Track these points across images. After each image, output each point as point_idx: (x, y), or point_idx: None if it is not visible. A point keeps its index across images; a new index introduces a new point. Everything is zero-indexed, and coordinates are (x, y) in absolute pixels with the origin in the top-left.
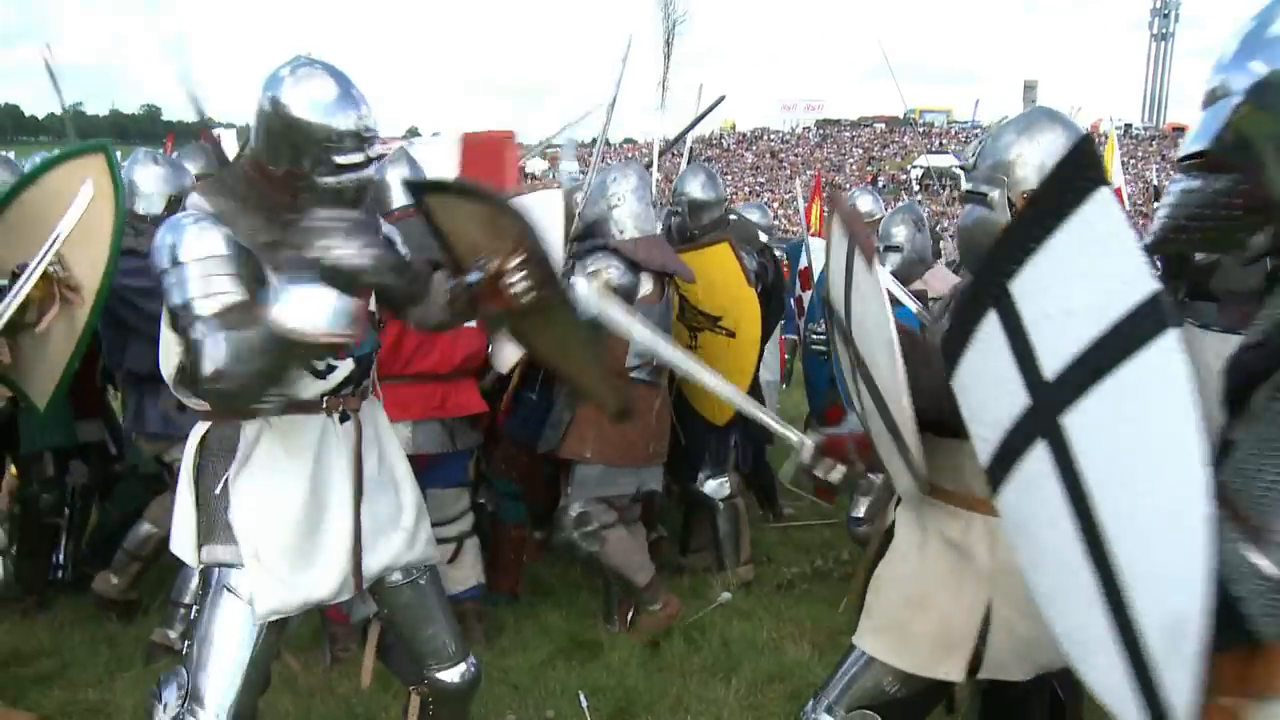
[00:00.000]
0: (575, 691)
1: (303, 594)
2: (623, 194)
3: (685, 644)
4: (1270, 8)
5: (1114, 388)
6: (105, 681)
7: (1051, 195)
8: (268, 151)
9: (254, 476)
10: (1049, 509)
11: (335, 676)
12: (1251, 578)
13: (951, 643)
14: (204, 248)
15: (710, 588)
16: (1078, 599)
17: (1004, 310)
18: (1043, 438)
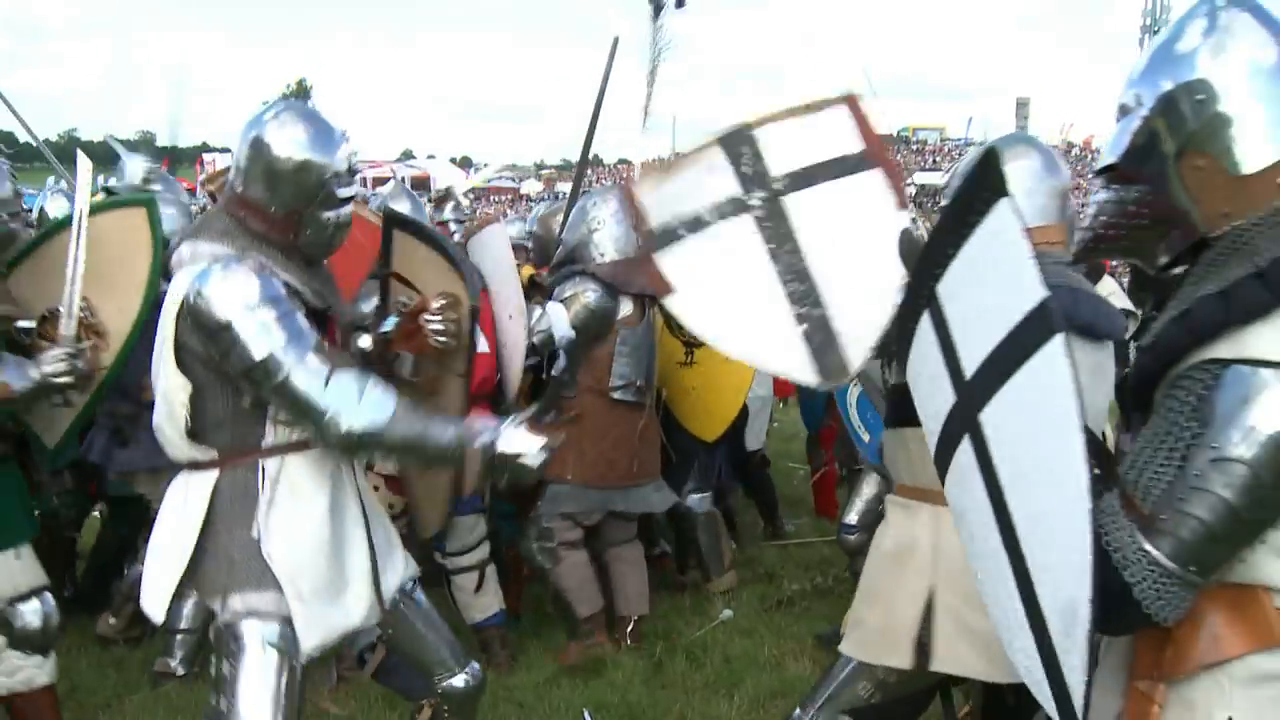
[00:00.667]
0: (580, 709)
1: (341, 623)
2: (603, 218)
3: (688, 661)
4: (1179, 26)
5: (1015, 388)
6: (114, 705)
7: (963, 204)
8: (267, 194)
9: (283, 515)
10: (975, 500)
11: (341, 696)
12: (1142, 564)
13: (897, 631)
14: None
15: (712, 605)
16: (1002, 586)
17: (934, 311)
18: (967, 433)
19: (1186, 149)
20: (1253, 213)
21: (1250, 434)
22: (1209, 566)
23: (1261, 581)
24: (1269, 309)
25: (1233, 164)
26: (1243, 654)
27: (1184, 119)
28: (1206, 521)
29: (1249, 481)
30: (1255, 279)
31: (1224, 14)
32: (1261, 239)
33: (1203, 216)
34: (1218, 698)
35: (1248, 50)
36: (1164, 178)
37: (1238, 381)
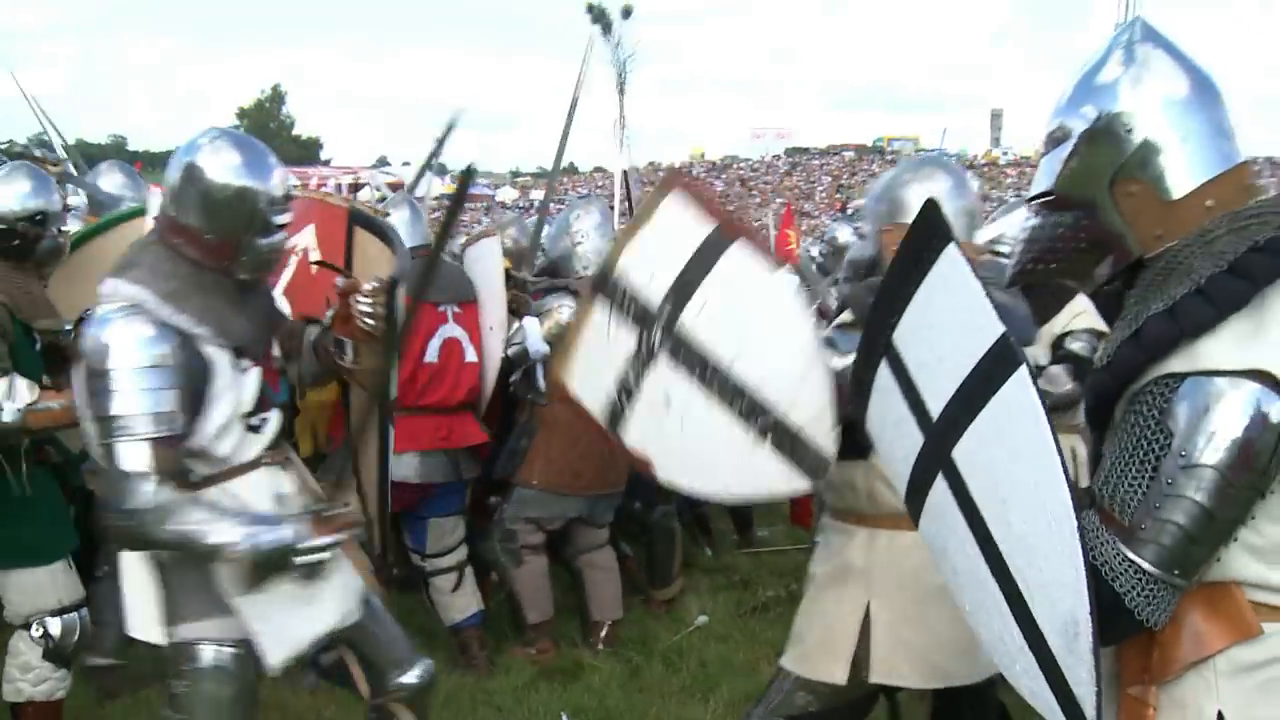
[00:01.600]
0: (558, 713)
1: (311, 631)
2: (586, 230)
3: (664, 666)
4: (1102, 57)
5: (986, 421)
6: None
7: (910, 254)
8: (202, 220)
9: None
10: (957, 534)
11: (321, 700)
12: (1129, 573)
13: (836, 646)
14: (145, 355)
15: (688, 611)
16: (994, 613)
17: (892, 359)
18: (940, 471)
19: (1119, 176)
20: (1183, 234)
21: (1214, 439)
22: (1191, 568)
23: (1233, 578)
24: (1215, 323)
25: (1163, 190)
26: (1224, 648)
27: (1116, 148)
28: (1184, 526)
29: (1219, 484)
30: (1197, 295)
31: (1139, 48)
32: (1195, 258)
33: (1138, 239)
34: (1206, 693)
35: (1164, 83)
36: (1099, 203)
37: (1195, 392)
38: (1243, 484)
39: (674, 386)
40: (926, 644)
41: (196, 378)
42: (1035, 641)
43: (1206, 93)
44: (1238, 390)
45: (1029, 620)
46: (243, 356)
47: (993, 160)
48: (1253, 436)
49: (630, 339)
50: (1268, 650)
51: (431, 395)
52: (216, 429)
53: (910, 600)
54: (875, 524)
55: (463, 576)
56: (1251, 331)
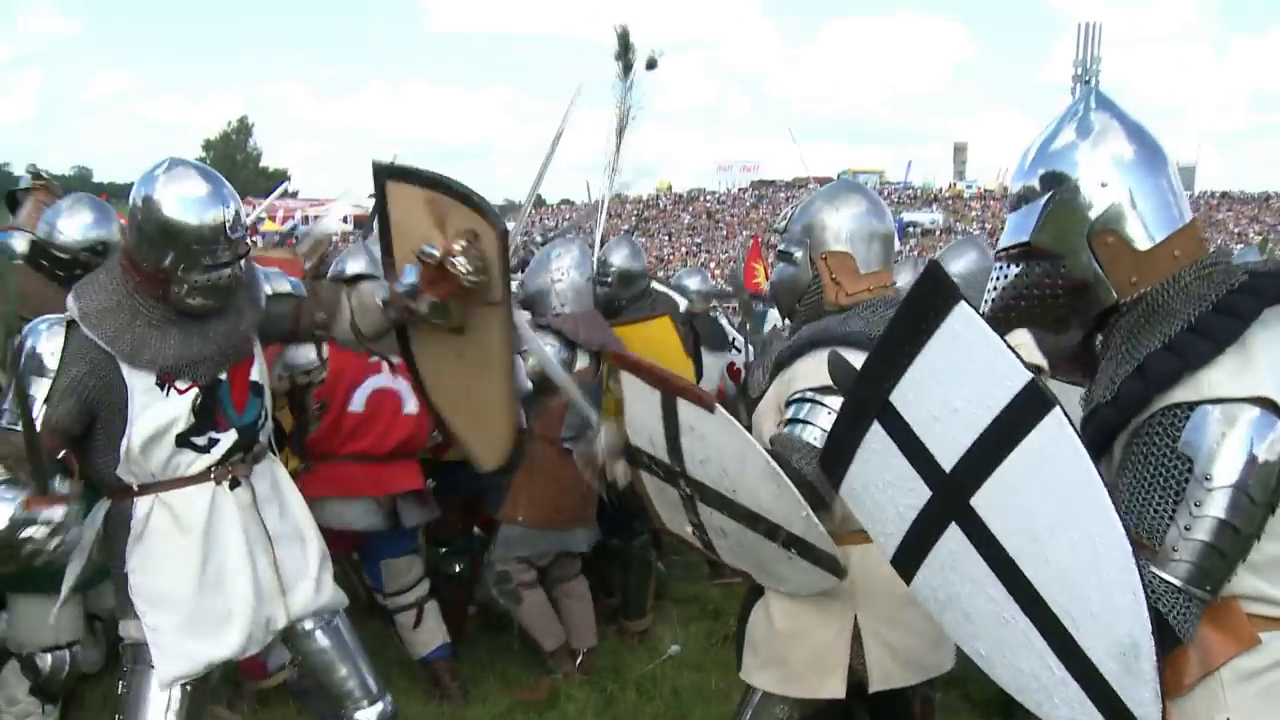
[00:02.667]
0: None
1: (205, 657)
2: (565, 269)
3: (638, 694)
4: (1055, 126)
5: (1015, 465)
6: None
7: (915, 316)
8: (138, 249)
9: (148, 553)
10: (974, 581)
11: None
12: (1167, 593)
13: (828, 664)
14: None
15: (661, 641)
16: (1023, 652)
17: (888, 419)
18: (955, 521)
19: (1096, 229)
20: (1155, 280)
21: (1233, 460)
22: (1219, 583)
23: (1233, 592)
24: (1214, 355)
25: (1137, 241)
26: (1228, 659)
27: (1091, 203)
28: (1213, 543)
29: (1241, 501)
30: (1192, 333)
31: (1094, 115)
32: (1174, 302)
33: (1114, 285)
34: (1214, 702)
35: (1130, 147)
36: (1077, 253)
37: (1207, 420)
38: (1261, 500)
39: (717, 520)
40: (909, 644)
41: (111, 393)
42: (1083, 672)
43: (1160, 155)
44: (1246, 415)
45: (1074, 652)
46: (173, 381)
47: (957, 194)
48: (1265, 456)
49: (673, 490)
50: (1266, 658)
51: (356, 444)
52: (140, 443)
53: (890, 604)
54: (847, 541)
55: (423, 612)
56: (1243, 364)
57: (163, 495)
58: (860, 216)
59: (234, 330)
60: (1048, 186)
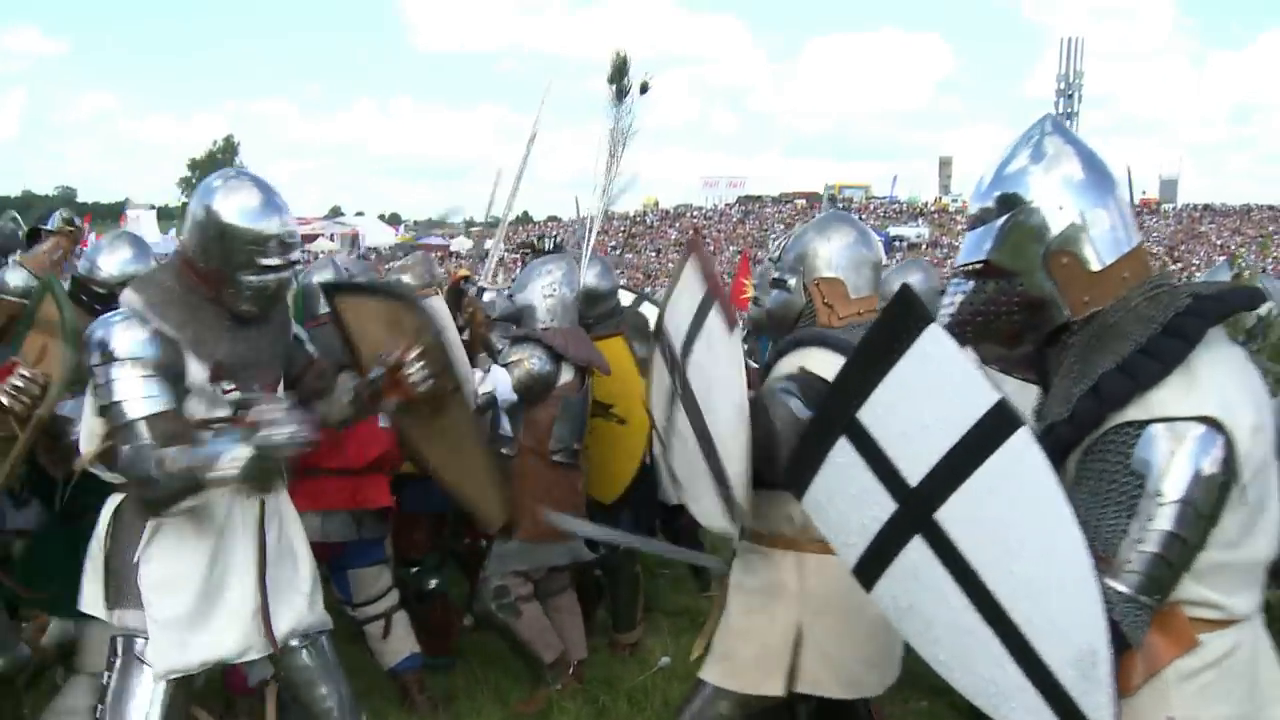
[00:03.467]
0: None
1: (202, 654)
2: (555, 284)
3: (629, 706)
4: (1012, 150)
5: (981, 481)
6: None
7: (886, 337)
8: (199, 251)
9: (163, 547)
10: (936, 591)
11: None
12: (1120, 602)
13: (770, 663)
14: (133, 348)
15: (651, 653)
16: (983, 660)
17: (855, 435)
18: (919, 533)
19: (1052, 249)
20: (1106, 300)
21: (1181, 476)
22: (1167, 591)
23: (1179, 599)
24: (1162, 376)
25: (1090, 262)
26: (1172, 660)
27: (1050, 225)
28: (1162, 555)
29: (1189, 515)
30: (1142, 354)
31: (1049, 140)
32: (1125, 322)
33: (1068, 303)
34: (1159, 701)
35: (1074, 170)
36: (1033, 272)
37: (1157, 437)
38: (1206, 513)
39: (683, 424)
40: (849, 659)
41: (180, 380)
42: (1041, 679)
43: (1110, 180)
44: (1192, 432)
45: (1033, 659)
46: (221, 379)
47: (943, 207)
48: (1208, 470)
49: (669, 381)
50: (1205, 658)
51: (334, 460)
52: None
53: (838, 618)
54: (804, 549)
55: (391, 622)
56: (1189, 384)
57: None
58: (850, 245)
59: (272, 345)
60: (1005, 208)
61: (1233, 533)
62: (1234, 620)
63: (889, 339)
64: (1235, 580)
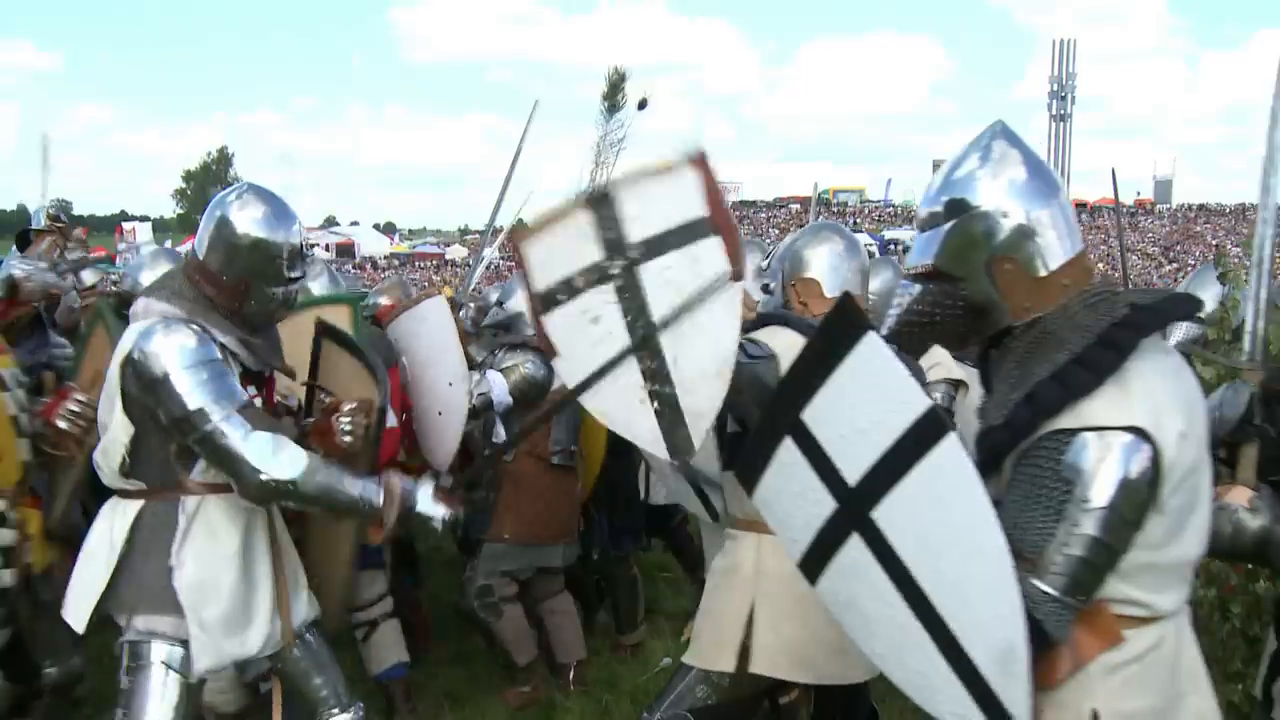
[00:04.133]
0: None
1: (235, 651)
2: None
3: (632, 705)
4: (962, 156)
5: (913, 483)
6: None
7: (827, 342)
8: (224, 264)
9: (196, 549)
10: (872, 587)
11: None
12: (1044, 602)
13: (724, 640)
14: (186, 354)
15: (654, 653)
16: (914, 653)
17: (799, 435)
18: (856, 531)
19: (996, 255)
20: (1046, 306)
21: (1107, 483)
22: (1090, 592)
23: (1103, 596)
24: (1094, 387)
25: (1032, 269)
26: (1097, 655)
27: (994, 232)
28: (1087, 558)
29: (1114, 520)
30: (1077, 365)
31: (996, 147)
32: (1063, 330)
33: (1010, 309)
34: (1083, 693)
35: (1019, 178)
36: (977, 277)
37: (1086, 445)
38: (1130, 518)
39: (606, 312)
40: (804, 641)
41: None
42: (965, 672)
43: (1054, 187)
44: (1119, 441)
45: (959, 654)
46: (250, 381)
47: None
48: (1135, 479)
49: (593, 253)
50: (1128, 652)
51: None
52: None
53: (792, 600)
54: (764, 530)
55: (378, 628)
56: (1121, 394)
57: (209, 498)
58: (831, 251)
59: (273, 351)
60: (952, 213)
61: (1158, 535)
62: (1159, 617)
63: (831, 344)
64: (1161, 579)
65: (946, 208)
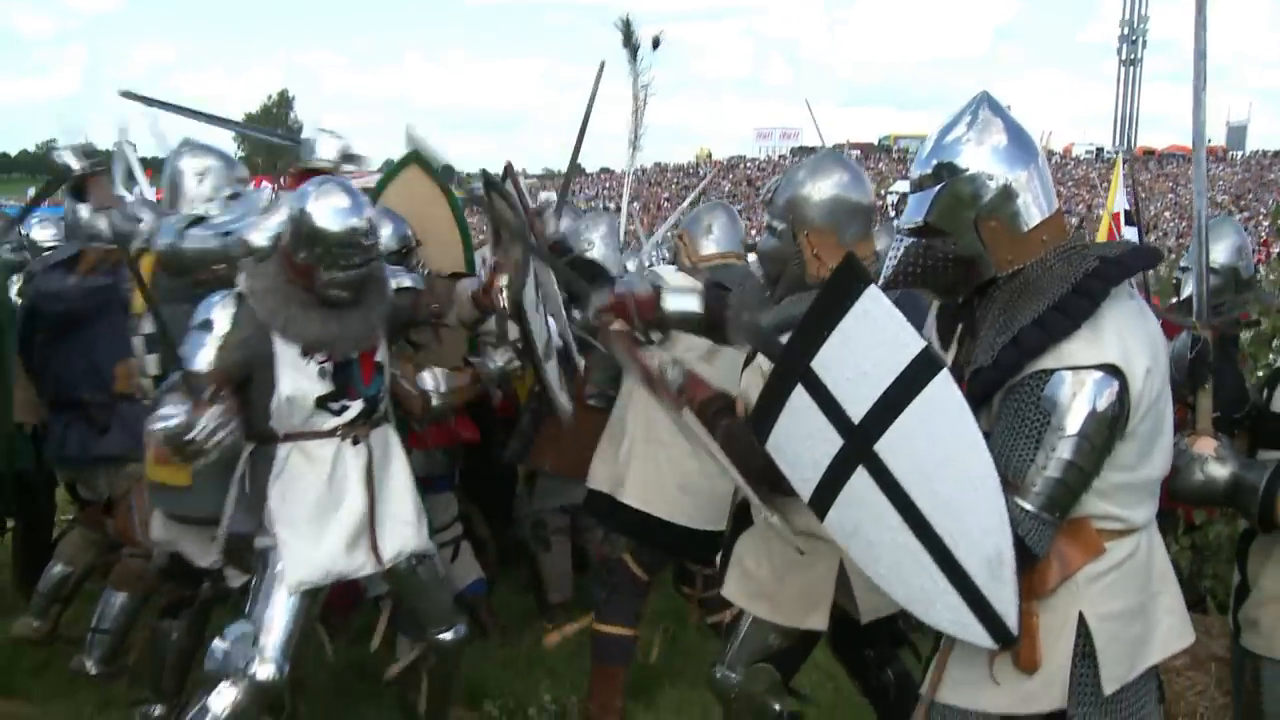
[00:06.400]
0: None
1: (324, 568)
2: (594, 240)
3: (699, 635)
4: (951, 123)
5: (911, 416)
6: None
7: (833, 297)
8: (294, 248)
9: (286, 485)
10: (876, 513)
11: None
12: (1025, 519)
13: (814, 600)
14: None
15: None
16: (914, 570)
17: (809, 382)
18: (862, 464)
19: (982, 214)
20: (1026, 260)
21: (1080, 414)
22: (1066, 510)
23: (1084, 513)
24: (1071, 331)
25: (1015, 226)
26: (1081, 565)
27: (981, 192)
28: (1063, 479)
29: (1085, 445)
30: (1056, 311)
31: (982, 114)
32: (1043, 280)
33: (994, 262)
34: (1071, 599)
35: (1002, 143)
36: (966, 233)
37: (1064, 382)
38: (1101, 444)
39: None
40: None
41: (265, 356)
42: (960, 582)
43: (1033, 152)
44: (1092, 377)
45: (953, 566)
46: (314, 354)
47: None
48: (1104, 409)
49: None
50: (1108, 561)
51: None
52: (285, 400)
53: None
54: None
55: (459, 549)
56: (1094, 336)
57: (300, 444)
58: (840, 191)
59: (364, 320)
60: (941, 175)
61: (1131, 458)
62: (1134, 529)
63: (836, 298)
64: (1135, 496)
65: (936, 170)
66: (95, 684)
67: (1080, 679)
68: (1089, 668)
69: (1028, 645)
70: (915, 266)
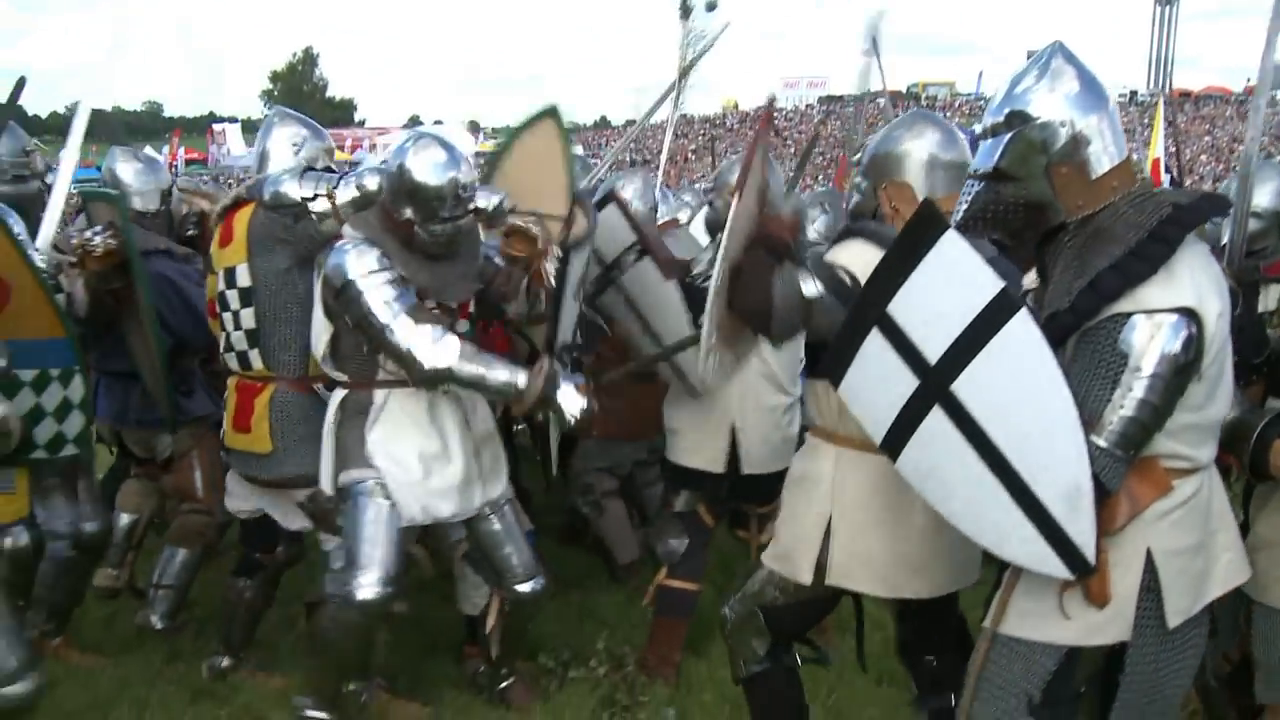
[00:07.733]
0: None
1: (432, 510)
2: (629, 198)
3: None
4: (1024, 71)
5: (989, 356)
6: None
7: (910, 244)
8: (392, 201)
9: (389, 428)
10: (951, 452)
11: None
12: (1100, 455)
13: (801, 549)
14: (368, 265)
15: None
16: (990, 506)
17: (885, 325)
18: (938, 404)
19: (1054, 160)
20: (1096, 205)
21: (1156, 356)
22: (1139, 447)
23: (1154, 452)
24: (1148, 275)
25: (1086, 172)
26: (1150, 502)
27: (1053, 138)
28: (1138, 418)
29: (1160, 386)
30: (1132, 256)
31: (1055, 63)
32: (1115, 226)
33: (1064, 208)
34: (1140, 535)
35: (1074, 91)
36: (1037, 179)
37: (1140, 326)
38: (1175, 384)
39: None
40: (880, 557)
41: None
42: (1037, 515)
43: (1105, 100)
44: (1168, 320)
45: (1030, 500)
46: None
47: None
48: (1179, 351)
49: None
50: (1176, 499)
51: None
52: None
53: (868, 516)
54: (845, 444)
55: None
56: (1169, 280)
57: (395, 390)
58: (925, 147)
59: (462, 272)
60: (1013, 123)
61: (1199, 399)
62: (1199, 468)
63: (914, 243)
64: (1200, 436)
65: (1008, 119)
66: (161, 637)
67: (1144, 612)
68: (1153, 602)
69: (1099, 579)
70: (985, 211)
